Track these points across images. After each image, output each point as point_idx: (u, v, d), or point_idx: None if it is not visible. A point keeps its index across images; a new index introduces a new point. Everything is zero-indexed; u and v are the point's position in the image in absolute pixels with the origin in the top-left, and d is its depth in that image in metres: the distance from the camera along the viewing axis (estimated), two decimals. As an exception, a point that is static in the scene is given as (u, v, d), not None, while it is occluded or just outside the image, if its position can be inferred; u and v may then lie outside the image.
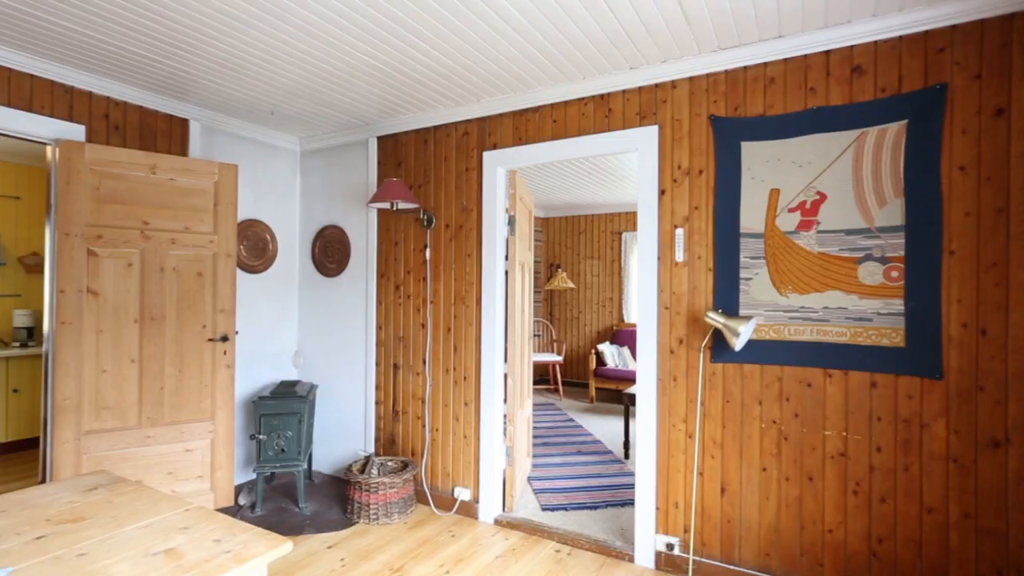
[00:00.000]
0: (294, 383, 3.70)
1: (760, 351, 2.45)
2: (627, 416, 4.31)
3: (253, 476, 3.84)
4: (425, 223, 3.42)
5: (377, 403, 3.71)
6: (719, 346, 2.55)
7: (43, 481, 2.99)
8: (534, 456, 4.33)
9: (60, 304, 2.83)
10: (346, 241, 3.87)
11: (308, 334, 4.11)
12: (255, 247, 3.87)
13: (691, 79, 2.62)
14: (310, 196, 4.11)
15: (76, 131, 2.96)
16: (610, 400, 6.52)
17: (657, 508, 2.69)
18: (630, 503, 3.39)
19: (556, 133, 3.02)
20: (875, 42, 2.22)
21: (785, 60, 2.39)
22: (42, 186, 4.87)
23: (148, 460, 3.09)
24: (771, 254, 2.43)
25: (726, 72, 2.53)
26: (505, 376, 3.32)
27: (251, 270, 3.85)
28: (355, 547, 2.90)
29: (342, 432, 3.89)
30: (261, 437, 3.29)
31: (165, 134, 3.35)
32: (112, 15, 2.27)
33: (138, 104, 3.20)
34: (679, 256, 2.65)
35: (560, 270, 7.17)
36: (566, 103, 2.99)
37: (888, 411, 2.20)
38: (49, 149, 2.94)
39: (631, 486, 3.69)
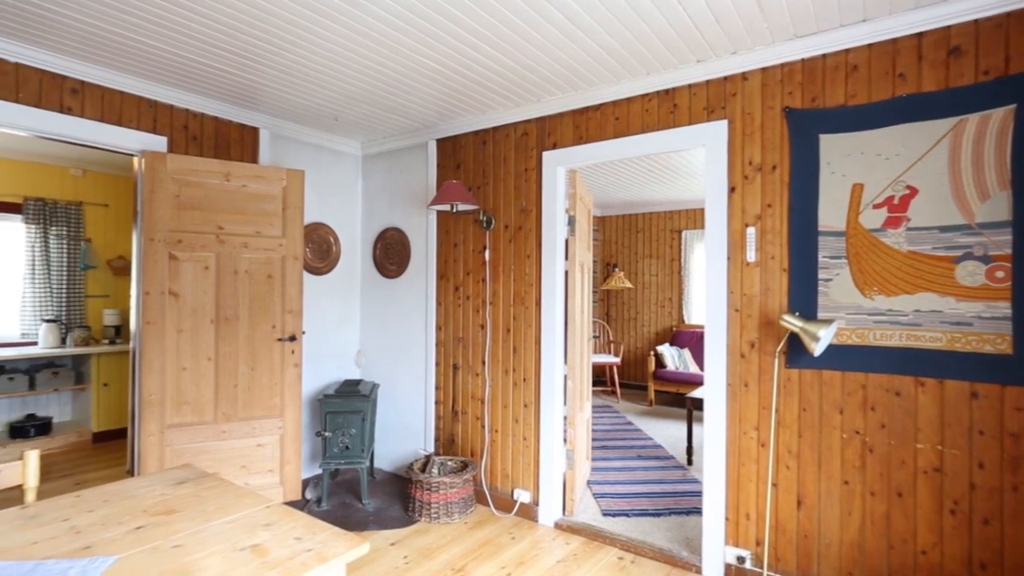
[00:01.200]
0: (357, 382, 3.80)
1: (841, 356, 2.30)
2: (690, 421, 4.17)
3: (318, 471, 3.97)
4: (484, 224, 3.43)
5: (437, 403, 3.75)
6: (795, 350, 2.41)
7: (131, 469, 3.20)
8: (592, 459, 4.26)
9: (146, 305, 3.01)
10: (406, 243, 3.94)
11: (369, 334, 4.21)
12: (319, 249, 4.00)
13: (763, 70, 2.49)
14: (371, 199, 4.21)
15: (159, 142, 3.15)
16: (670, 403, 6.34)
17: (726, 519, 2.57)
18: (695, 512, 3.27)
19: (618, 131, 2.95)
20: (976, 20, 2.03)
21: (870, 45, 2.23)
22: (126, 194, 5.23)
23: (223, 454, 3.24)
24: (853, 253, 2.27)
25: (803, 61, 2.39)
26: (565, 378, 3.28)
27: (316, 272, 3.98)
28: (417, 545, 2.93)
29: (402, 431, 3.97)
30: (327, 434, 3.39)
31: (238, 142, 3.52)
32: (193, 32, 2.39)
33: (213, 115, 3.37)
34: (751, 256, 2.52)
35: (617, 270, 7.04)
36: (629, 100, 2.91)
37: (992, 424, 2.01)
38: (136, 160, 3.14)
39: (696, 494, 3.56)
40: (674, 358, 6.13)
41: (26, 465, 1.45)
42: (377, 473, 4.02)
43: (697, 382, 5.72)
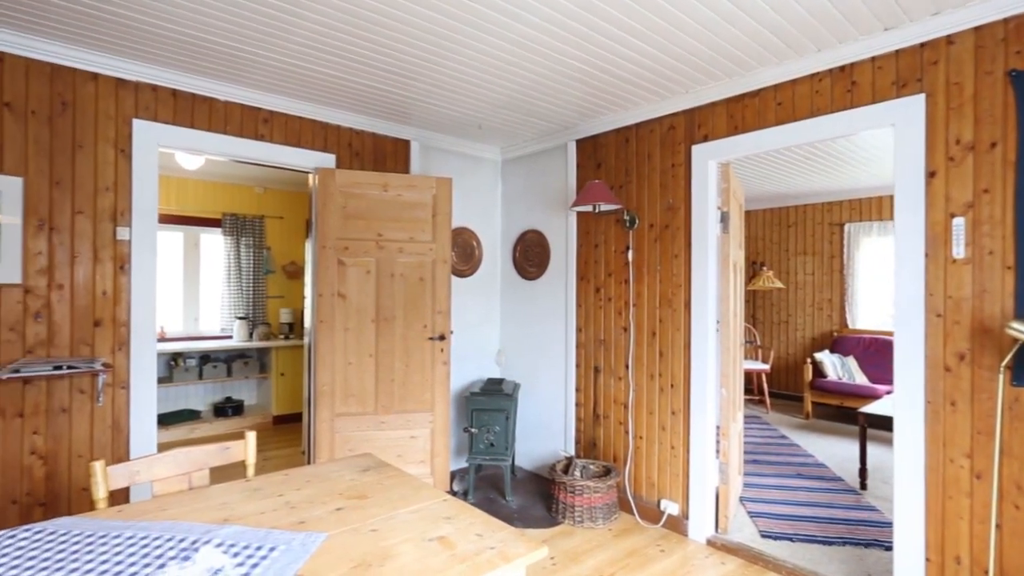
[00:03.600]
0: (500, 381, 3.91)
1: (1096, 374, 1.85)
2: (863, 439, 3.67)
3: (462, 465, 4.15)
4: (628, 224, 3.33)
5: (577, 405, 3.73)
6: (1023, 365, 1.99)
7: (305, 451, 3.60)
8: (744, 474, 3.94)
9: (319, 306, 3.37)
10: (546, 245, 3.97)
11: (509, 335, 4.31)
12: (463, 252, 4.18)
13: (977, 29, 2.09)
14: (511, 203, 4.31)
15: (329, 159, 3.51)
16: (830, 417, 5.67)
17: (927, 559, 2.20)
18: (877, 544, 2.87)
19: (780, 117, 2.68)
20: None
21: None
22: (297, 207, 5.93)
23: (382, 443, 3.52)
24: (1115, 245, 1.82)
25: (1035, 12, 1.97)
26: (718, 385, 3.06)
27: (460, 274, 4.17)
28: (563, 547, 2.93)
29: (541, 431, 4.00)
30: (474, 430, 3.52)
31: (392, 155, 3.80)
32: (359, 56, 2.62)
33: (372, 131, 3.68)
34: (958, 251, 2.14)
35: (765, 268, 6.47)
36: (794, 82, 2.64)
37: None
38: (310, 176, 3.53)
39: (875, 524, 3.12)
40: (836, 367, 5.47)
41: (247, 444, 1.67)
42: (518, 471, 4.10)
43: (867, 395, 5.04)
